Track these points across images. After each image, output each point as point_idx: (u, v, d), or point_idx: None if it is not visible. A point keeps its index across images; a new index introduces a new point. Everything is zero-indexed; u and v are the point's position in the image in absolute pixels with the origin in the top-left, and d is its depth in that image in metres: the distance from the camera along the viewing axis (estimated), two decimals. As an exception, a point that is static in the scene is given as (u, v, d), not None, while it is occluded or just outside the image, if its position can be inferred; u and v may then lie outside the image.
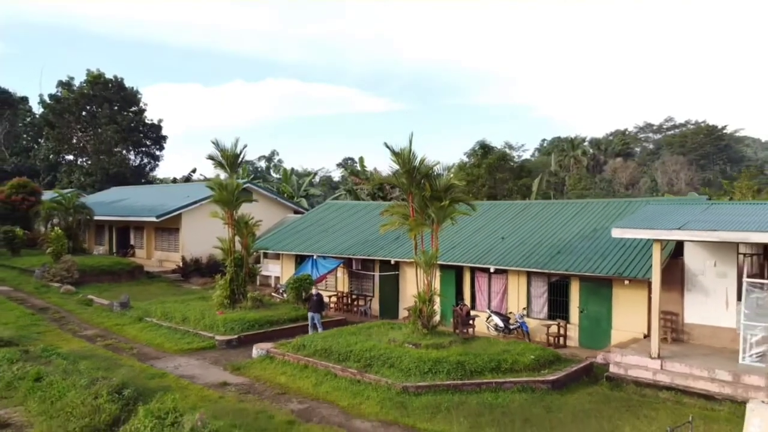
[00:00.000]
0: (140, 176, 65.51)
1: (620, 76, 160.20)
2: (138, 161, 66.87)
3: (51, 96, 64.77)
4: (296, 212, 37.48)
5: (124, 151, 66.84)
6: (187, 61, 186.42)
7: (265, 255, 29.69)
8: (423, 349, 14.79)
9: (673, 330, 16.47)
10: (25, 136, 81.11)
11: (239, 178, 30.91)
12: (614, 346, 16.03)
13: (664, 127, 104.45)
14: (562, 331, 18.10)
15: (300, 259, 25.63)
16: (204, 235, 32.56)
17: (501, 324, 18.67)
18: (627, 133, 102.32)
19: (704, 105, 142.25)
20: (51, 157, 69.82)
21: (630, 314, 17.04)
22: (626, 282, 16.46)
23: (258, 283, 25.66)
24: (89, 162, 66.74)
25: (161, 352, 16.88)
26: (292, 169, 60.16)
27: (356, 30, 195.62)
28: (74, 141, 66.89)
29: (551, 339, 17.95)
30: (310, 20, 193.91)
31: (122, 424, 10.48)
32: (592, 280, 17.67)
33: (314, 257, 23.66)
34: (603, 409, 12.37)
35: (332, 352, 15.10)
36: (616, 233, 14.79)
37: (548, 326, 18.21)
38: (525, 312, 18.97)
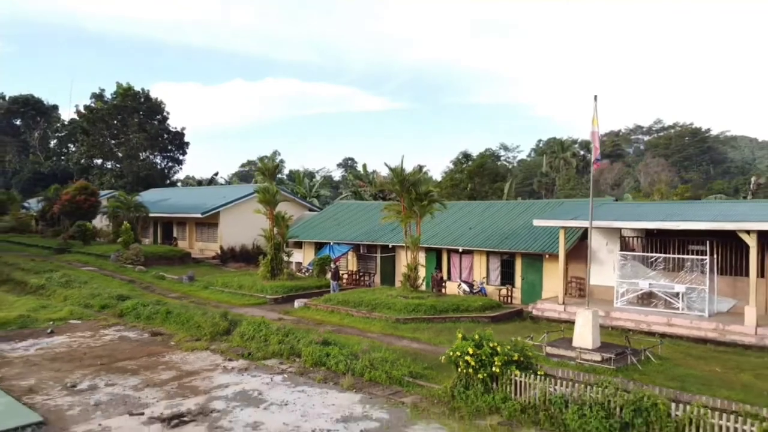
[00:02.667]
0: (165, 178, 73.07)
1: (619, 76, 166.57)
2: (163, 165, 74.43)
3: (86, 107, 72.33)
4: (310, 210, 45.09)
5: (151, 156, 74.47)
6: (187, 59, 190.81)
7: (287, 244, 37.20)
8: (410, 299, 22.41)
9: (581, 289, 24.12)
10: (55, 141, 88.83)
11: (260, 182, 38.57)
12: (541, 301, 23.68)
13: (654, 129, 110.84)
14: (509, 293, 25.72)
15: (318, 246, 33.20)
16: (238, 229, 40.35)
17: (468, 289, 26.26)
18: (620, 134, 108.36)
19: (702, 106, 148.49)
20: (83, 160, 77.20)
21: (554, 280, 24.58)
22: (546, 256, 24.12)
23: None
24: (118, 165, 74.31)
25: (230, 305, 24.48)
26: (305, 172, 67.67)
27: (356, 29, 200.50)
28: (104, 147, 74.30)
29: (502, 299, 25.53)
30: (309, 19, 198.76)
31: (232, 331, 18.10)
32: (529, 256, 25.32)
33: (331, 243, 31.30)
34: (520, 330, 19.97)
35: (349, 302, 22.75)
36: (536, 223, 22.51)
37: (500, 290, 25.86)
38: (485, 280, 26.60)
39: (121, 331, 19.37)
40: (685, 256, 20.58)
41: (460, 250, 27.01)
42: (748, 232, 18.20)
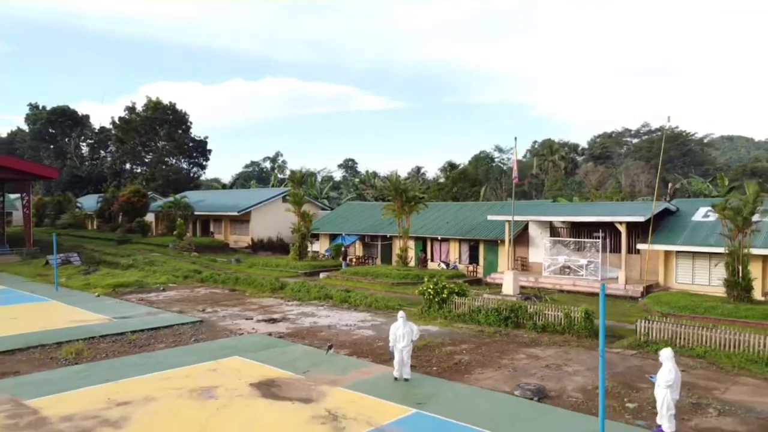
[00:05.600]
0: (191, 181, 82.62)
1: (618, 77, 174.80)
2: (189, 169, 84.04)
3: (120, 119, 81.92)
4: (322, 209, 54.73)
5: (176, 162, 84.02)
6: (187, 59, 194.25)
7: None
8: (401, 271, 32.05)
9: (524, 265, 33.76)
10: (87, 148, 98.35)
11: (273, 185, 48.23)
12: (494, 273, 33.29)
13: (641, 132, 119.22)
14: (475, 269, 35.36)
15: (332, 237, 42.84)
16: (265, 224, 49.99)
17: (445, 266, 35.91)
18: (613, 135, 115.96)
19: (698, 109, 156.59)
20: (116, 165, 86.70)
21: (505, 259, 34.22)
22: (500, 242, 33.77)
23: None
24: (146, 170, 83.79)
25: (274, 276, 34.09)
26: (316, 175, 77.26)
27: (356, 28, 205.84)
28: (135, 153, 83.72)
29: (469, 273, 35.16)
30: (309, 19, 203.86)
31: (284, 288, 27.74)
32: (489, 242, 34.96)
33: (343, 234, 40.96)
34: (474, 290, 29.62)
35: (359, 273, 32.43)
36: (489, 218, 32.17)
37: (468, 266, 35.51)
38: (457, 260, 36.23)
39: (208, 289, 29.05)
40: (586, 240, 30.27)
41: (440, 238, 36.73)
42: (620, 223, 27.91)
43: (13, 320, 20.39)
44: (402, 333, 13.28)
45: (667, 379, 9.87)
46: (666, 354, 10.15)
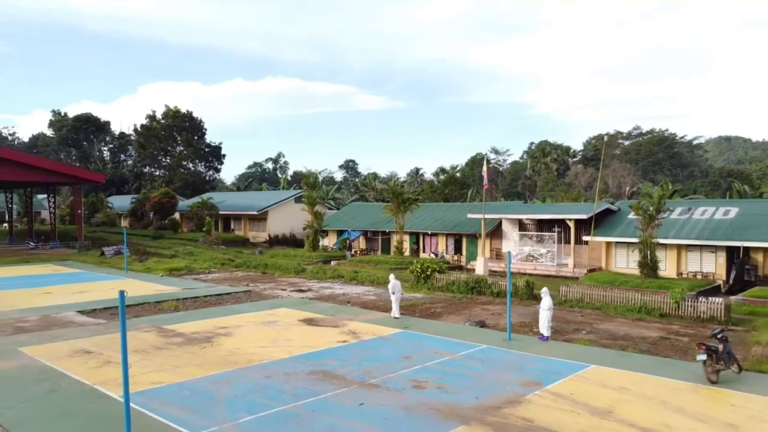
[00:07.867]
0: (206, 183, 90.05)
1: (618, 78, 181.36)
2: (205, 172, 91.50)
3: (142, 126, 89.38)
4: (330, 209, 62.19)
5: (192, 166, 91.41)
6: (187, 59, 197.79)
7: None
8: (398, 259, 39.50)
9: (498, 255, 41.23)
10: (108, 153, 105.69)
11: (284, 188, 55.70)
12: (473, 261, 40.72)
13: (632, 134, 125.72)
14: (459, 258, 42.81)
15: (339, 233, 50.27)
16: (280, 222, 57.46)
17: (434, 256, 43.35)
18: (608, 137, 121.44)
19: (699, 108, 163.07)
20: (136, 169, 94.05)
21: (482, 249, 41.65)
22: (478, 235, 41.25)
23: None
24: (165, 173, 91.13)
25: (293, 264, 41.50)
26: (322, 179, 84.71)
27: (356, 28, 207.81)
28: (155, 158, 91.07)
29: (454, 261, 42.59)
30: (309, 19, 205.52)
31: (305, 271, 35.19)
32: (470, 236, 42.42)
33: (349, 230, 48.42)
34: (453, 273, 37.04)
35: (363, 261, 39.92)
36: (469, 216, 39.65)
37: (453, 256, 42.99)
38: (445, 251, 43.70)
39: (244, 272, 36.49)
40: (544, 233, 37.74)
41: (430, 233, 44.24)
42: (569, 219, 35.37)
43: (111, 290, 27.80)
44: (392, 287, 20.79)
45: (546, 305, 17.30)
46: (544, 290, 17.63)
